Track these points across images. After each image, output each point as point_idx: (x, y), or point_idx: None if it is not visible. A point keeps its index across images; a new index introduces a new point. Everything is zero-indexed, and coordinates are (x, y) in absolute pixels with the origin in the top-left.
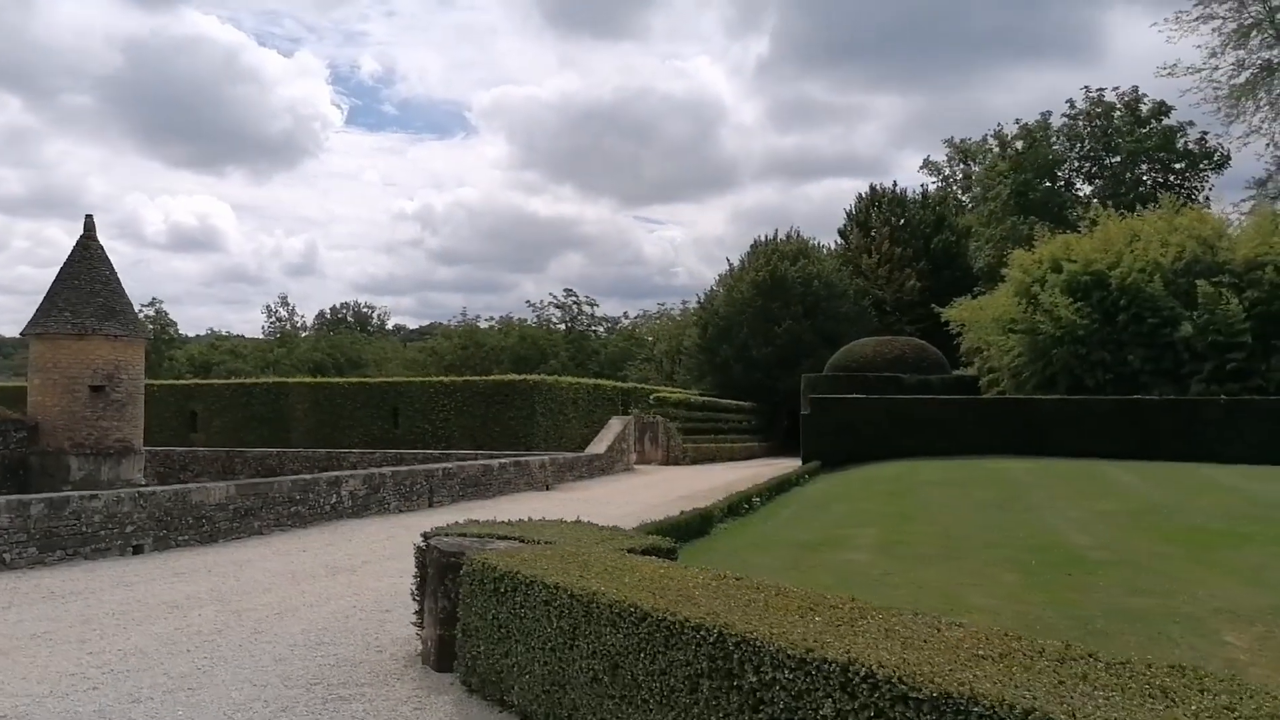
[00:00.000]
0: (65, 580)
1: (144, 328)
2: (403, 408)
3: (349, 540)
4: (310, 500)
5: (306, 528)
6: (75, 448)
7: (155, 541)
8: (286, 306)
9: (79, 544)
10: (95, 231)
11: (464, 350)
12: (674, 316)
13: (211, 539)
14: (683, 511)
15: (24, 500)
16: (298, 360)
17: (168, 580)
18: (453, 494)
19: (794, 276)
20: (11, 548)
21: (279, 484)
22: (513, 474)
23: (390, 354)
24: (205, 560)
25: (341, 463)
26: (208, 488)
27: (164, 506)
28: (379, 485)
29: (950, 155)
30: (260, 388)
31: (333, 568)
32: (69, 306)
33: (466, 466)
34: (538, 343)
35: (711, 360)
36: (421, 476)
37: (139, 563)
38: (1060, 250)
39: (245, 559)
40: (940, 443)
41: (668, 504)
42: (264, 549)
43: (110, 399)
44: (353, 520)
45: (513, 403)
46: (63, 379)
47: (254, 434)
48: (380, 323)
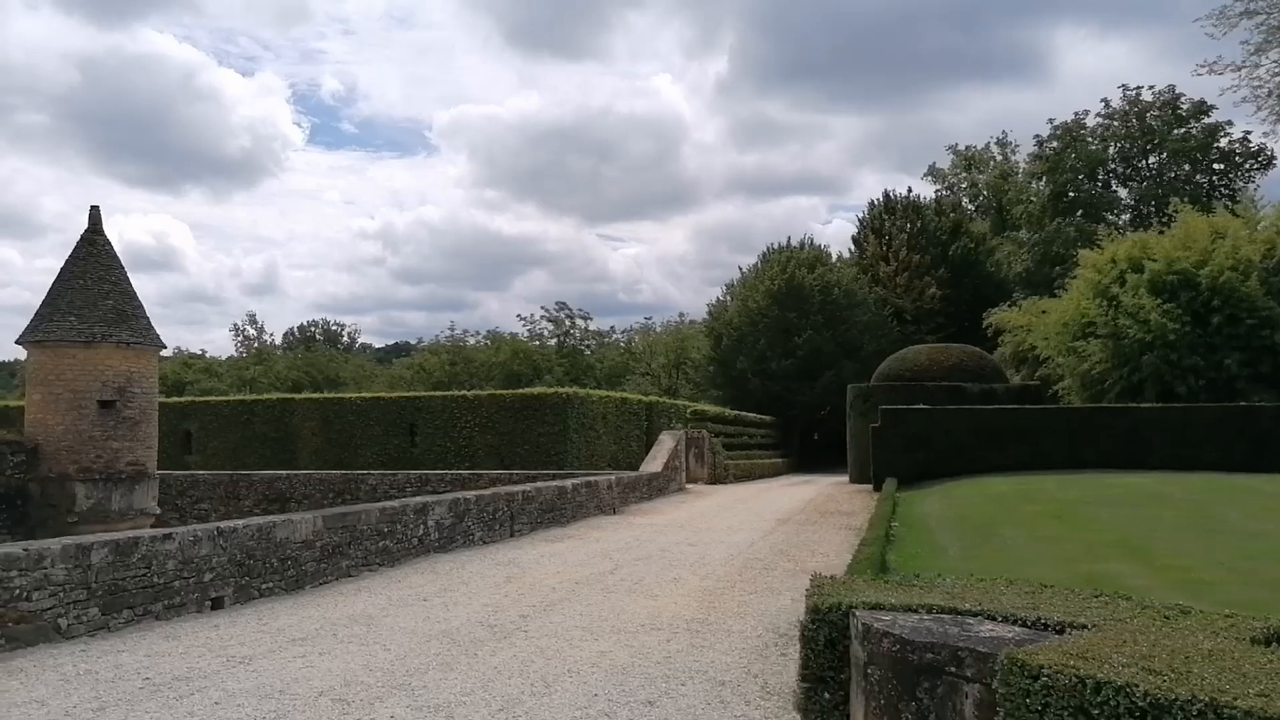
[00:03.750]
0: (153, 658)
1: (157, 335)
2: (421, 424)
3: (465, 584)
4: (398, 533)
5: (396, 566)
6: (82, 473)
7: (236, 591)
8: (255, 325)
9: (149, 600)
10: (102, 224)
11: (452, 366)
12: (656, 330)
13: (298, 585)
14: (864, 546)
15: (83, 545)
16: (275, 378)
17: (290, 651)
18: (532, 521)
19: (812, 285)
20: (69, 609)
21: (367, 514)
22: (584, 497)
23: (369, 371)
24: (308, 616)
25: (360, 485)
26: (293, 521)
27: (245, 547)
28: (464, 513)
29: (955, 163)
30: (263, 404)
31: (490, 625)
32: (74, 310)
33: (543, 490)
34: (530, 357)
35: (726, 373)
36: (503, 501)
37: (227, 622)
38: (1136, 249)
39: (360, 612)
40: (1026, 456)
41: (771, 528)
42: (369, 597)
43: (122, 416)
44: (440, 555)
45: (544, 418)
46: (67, 393)
47: (256, 455)
48: (351, 340)
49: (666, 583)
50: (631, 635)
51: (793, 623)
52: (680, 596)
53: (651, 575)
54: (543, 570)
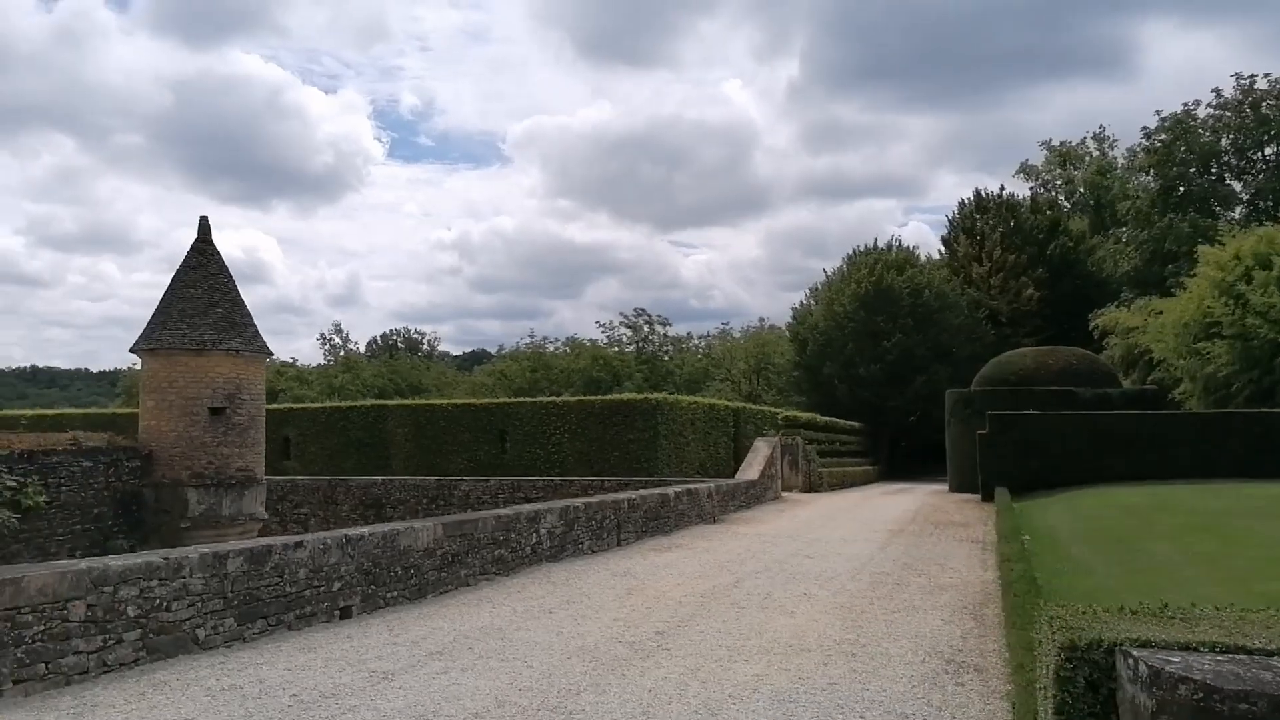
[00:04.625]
0: (294, 671)
1: (264, 343)
2: (511, 430)
3: (586, 596)
4: (512, 541)
5: (511, 575)
6: (194, 478)
7: (363, 600)
8: (341, 334)
9: (282, 609)
10: (211, 234)
11: (533, 373)
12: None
13: (420, 594)
14: (1008, 562)
15: (220, 554)
16: (362, 385)
17: (431, 667)
18: (637, 530)
19: (901, 287)
20: (206, 619)
21: (484, 522)
22: (686, 505)
23: (451, 378)
24: (438, 628)
25: (453, 491)
26: (415, 529)
27: (371, 555)
28: (573, 521)
29: (1049, 159)
30: (358, 411)
31: (627, 642)
32: (185, 319)
33: (647, 498)
34: (610, 364)
35: (812, 378)
36: (610, 509)
37: (358, 633)
38: (1262, 244)
39: (488, 624)
40: (1149, 463)
41: (885, 540)
42: (492, 608)
43: (231, 422)
44: (553, 564)
45: (634, 424)
46: (180, 400)
47: (351, 460)
48: (430, 348)
49: (797, 598)
50: (782, 657)
51: (955, 646)
52: (818, 614)
53: (778, 590)
54: (662, 582)
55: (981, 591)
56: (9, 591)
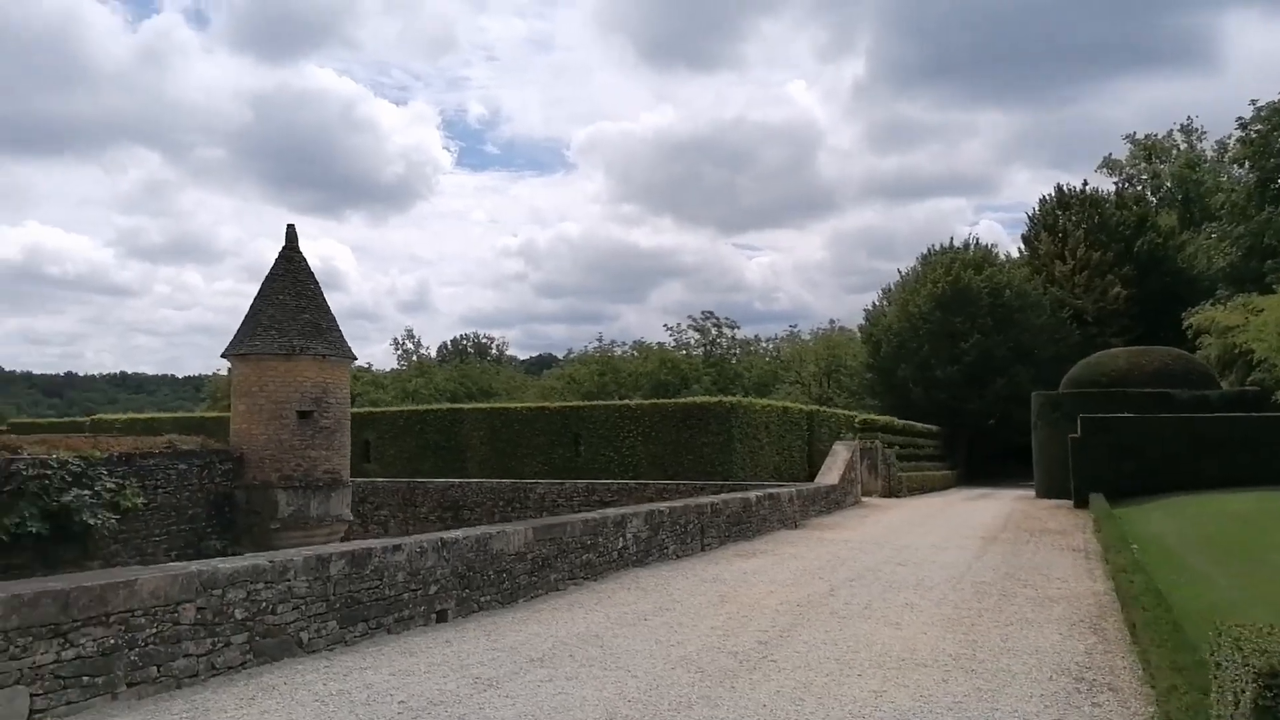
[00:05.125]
0: (398, 677)
1: (349, 348)
2: (585, 434)
3: (678, 603)
4: (599, 545)
5: (599, 580)
6: (283, 480)
7: (458, 604)
8: (413, 339)
9: (381, 612)
10: (297, 242)
11: (601, 377)
12: (803, 338)
13: (512, 598)
14: (1124, 573)
15: (323, 556)
16: (435, 389)
17: (534, 674)
18: (720, 534)
19: (980, 286)
20: (310, 622)
21: (572, 526)
22: (767, 510)
23: (520, 382)
24: (535, 634)
25: (529, 494)
26: (506, 532)
27: (465, 558)
28: (659, 525)
29: (1133, 153)
30: (435, 414)
31: (730, 652)
32: (274, 324)
33: (730, 502)
34: (678, 367)
35: (886, 381)
36: (693, 514)
37: (456, 637)
38: None
39: (585, 631)
40: (1254, 468)
41: (980, 547)
42: (585, 614)
43: (319, 426)
44: (639, 569)
45: (708, 427)
46: (269, 404)
47: (429, 463)
48: (499, 353)
49: (899, 608)
50: (897, 671)
51: (1080, 663)
52: (925, 626)
53: (878, 599)
54: (754, 590)
55: (1095, 604)
56: (123, 594)
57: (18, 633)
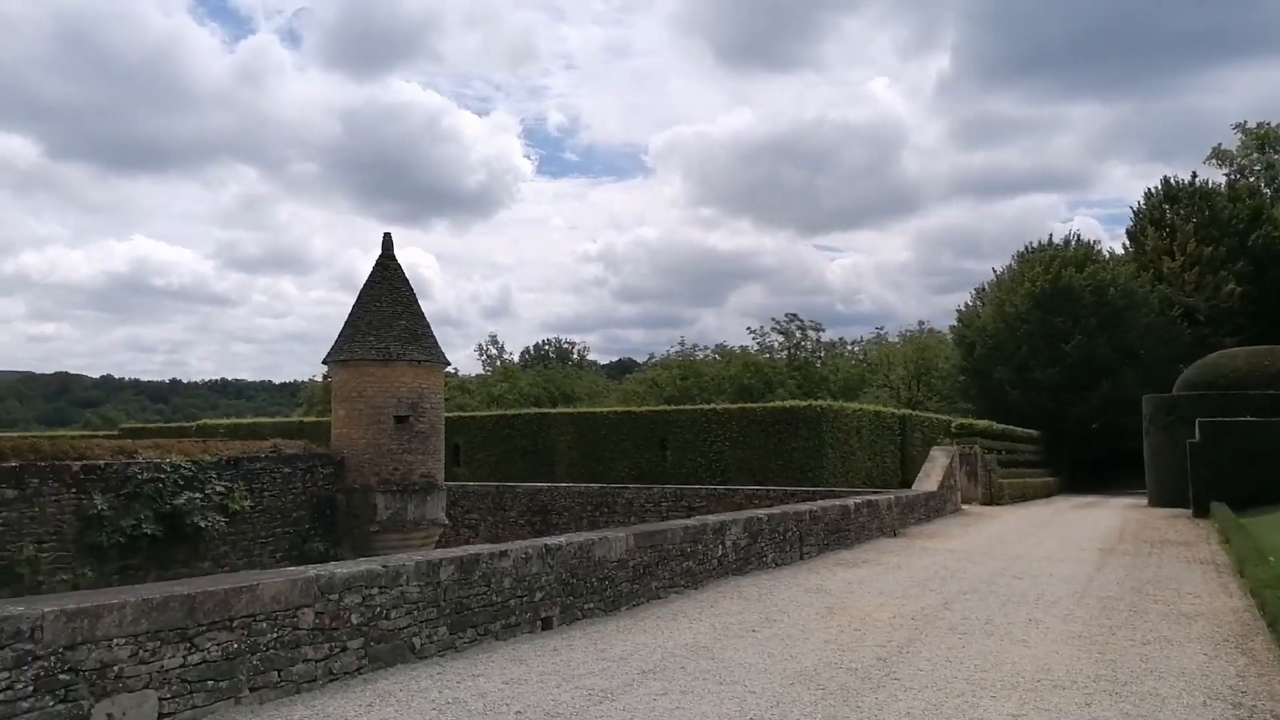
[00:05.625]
0: (510, 685)
1: (443, 354)
2: (672, 438)
3: (785, 614)
4: (699, 553)
5: (700, 588)
6: (382, 484)
7: (562, 611)
8: (496, 345)
9: (489, 619)
10: (393, 250)
11: (684, 381)
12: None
13: (614, 606)
14: (1270, 589)
15: (433, 562)
16: (519, 394)
17: (648, 687)
18: (819, 543)
19: (1082, 285)
20: (422, 628)
21: (672, 533)
22: (866, 517)
23: (602, 387)
24: (642, 644)
25: (617, 499)
26: (609, 539)
27: (569, 565)
28: (757, 533)
29: (1245, 143)
30: (522, 419)
31: (849, 668)
32: (372, 331)
33: (828, 509)
34: (761, 370)
35: (981, 384)
36: (792, 521)
37: (563, 645)
38: None
39: (692, 641)
40: None
41: (1098, 559)
42: (689, 623)
43: (414, 430)
44: (739, 578)
45: (797, 432)
46: (368, 409)
47: (517, 467)
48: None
49: (1023, 624)
50: (1034, 693)
51: (1234, 687)
52: (1055, 643)
53: (998, 614)
54: (862, 601)
55: (1236, 621)
56: (245, 599)
57: (147, 637)
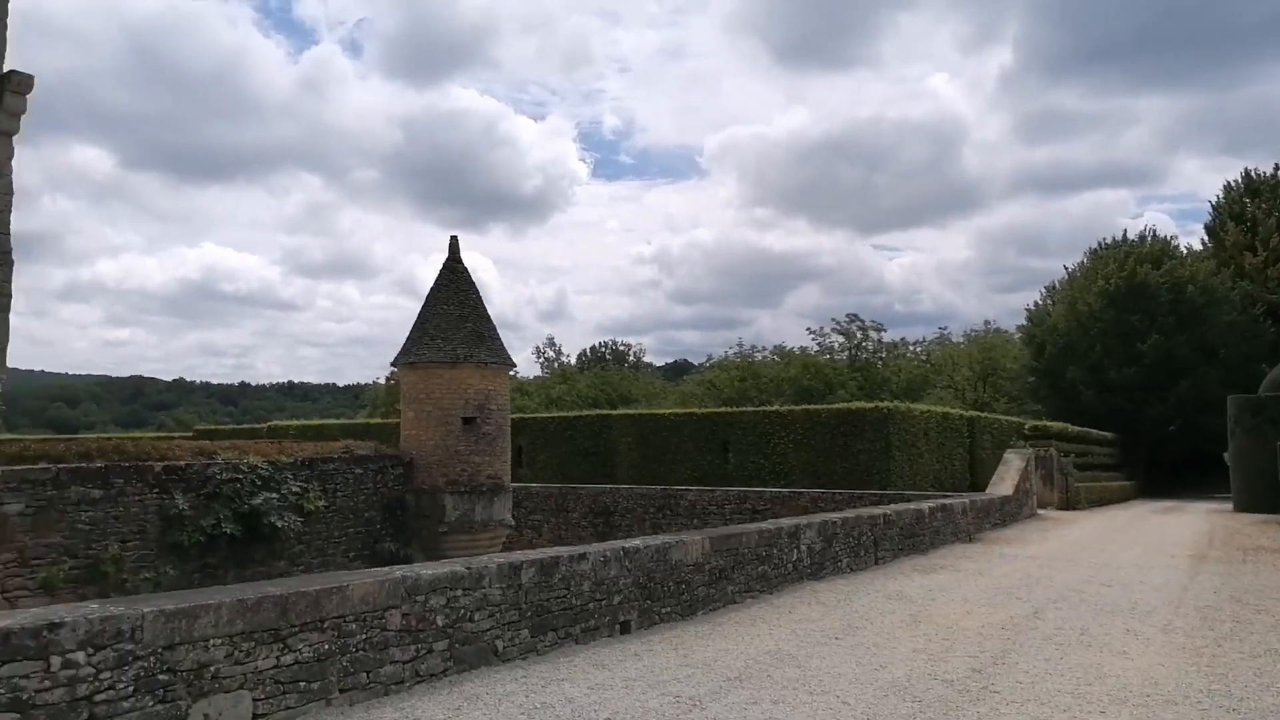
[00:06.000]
0: (596, 691)
1: (509, 356)
2: (733, 440)
3: (868, 621)
4: (774, 557)
5: (775, 593)
6: (450, 485)
7: (640, 616)
8: (554, 347)
9: (569, 622)
10: (460, 253)
11: (742, 382)
12: (954, 340)
13: (691, 610)
14: None
15: (514, 563)
16: (577, 396)
17: (737, 695)
18: (893, 548)
19: (1158, 282)
20: (504, 630)
21: (748, 536)
22: (940, 522)
23: (660, 389)
24: (724, 649)
25: (679, 501)
26: (684, 542)
27: (646, 568)
28: (832, 537)
29: None
30: (584, 421)
31: (944, 680)
32: (440, 333)
33: (903, 513)
34: (822, 372)
35: (1053, 384)
36: (866, 525)
37: (644, 650)
38: None
39: (776, 648)
40: None
41: (1190, 567)
42: (769, 630)
43: (481, 432)
44: (814, 583)
45: (863, 434)
46: (436, 411)
47: (578, 469)
48: (636, 359)
49: (1121, 635)
50: (1144, 709)
51: None
52: (1158, 656)
53: (1092, 624)
54: (946, 609)
55: None
56: (336, 599)
57: (242, 637)
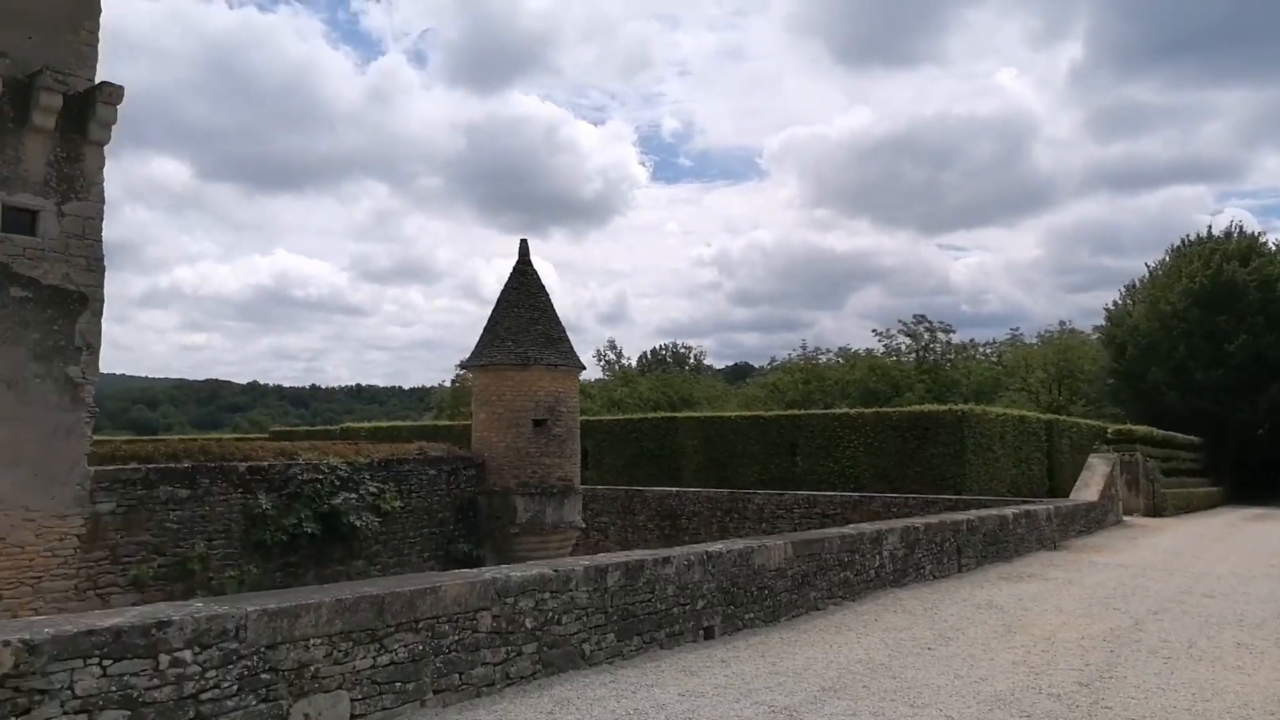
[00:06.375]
0: (689, 698)
1: (578, 358)
2: (801, 443)
3: (959, 631)
4: (856, 563)
5: (858, 600)
6: (521, 487)
7: (724, 621)
8: (615, 350)
9: (653, 627)
10: (529, 256)
11: (805, 385)
12: (1027, 341)
13: (774, 616)
14: None
15: (600, 567)
16: (639, 399)
17: (834, 705)
18: (976, 555)
19: (1246, 280)
20: (591, 634)
21: (829, 542)
22: (1024, 529)
23: (721, 391)
24: (813, 658)
25: (747, 505)
26: (767, 547)
27: (729, 573)
28: (914, 543)
29: None
30: (649, 423)
31: (1051, 694)
32: (510, 336)
33: (986, 520)
34: (889, 374)
35: (1134, 386)
36: (949, 531)
37: (730, 657)
38: None
39: (866, 658)
40: None
41: None
42: (856, 638)
43: (552, 434)
44: (897, 590)
45: (936, 437)
46: (507, 413)
47: (644, 471)
48: (696, 362)
49: (1232, 648)
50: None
51: None
52: (1274, 669)
53: (1199, 637)
54: (1042, 620)
55: None
56: (429, 600)
57: (340, 637)
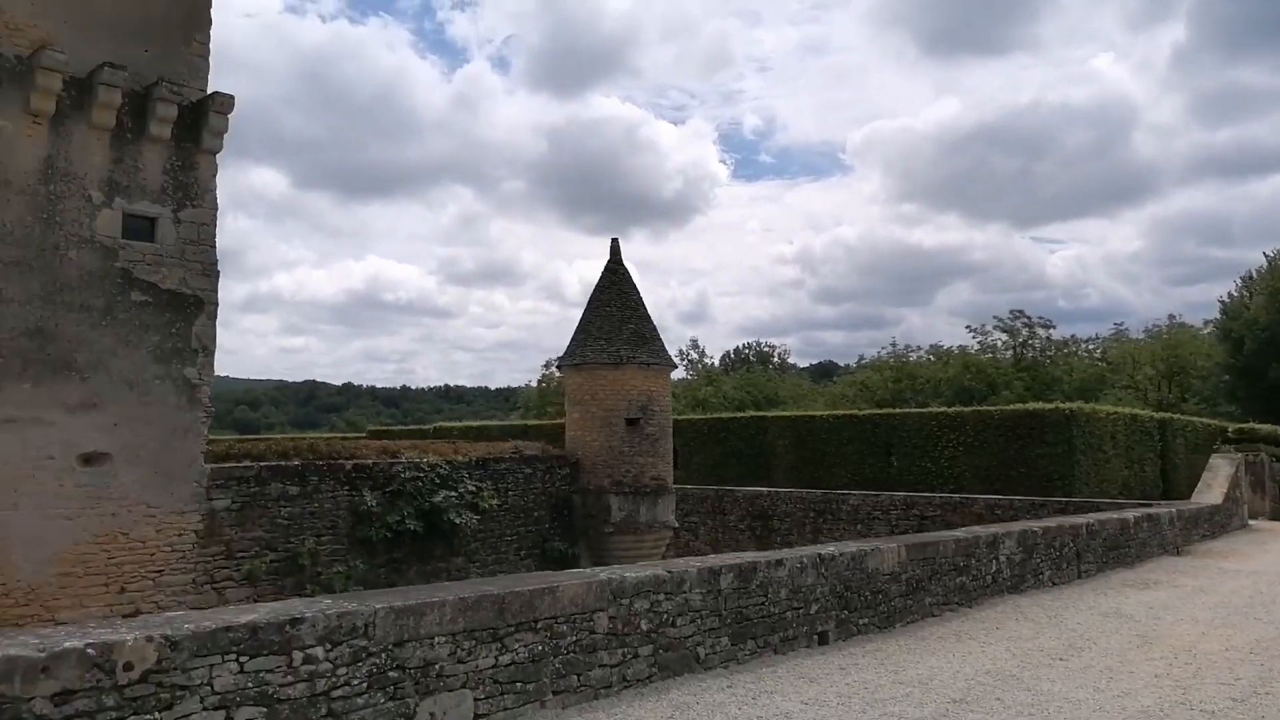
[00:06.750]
0: (810, 707)
1: (670, 357)
2: (897, 443)
3: (1091, 642)
4: (972, 568)
5: (974, 606)
6: (615, 486)
7: (838, 626)
8: (697, 349)
9: (767, 630)
10: (621, 256)
11: (896, 384)
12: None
13: (889, 621)
14: None
15: (713, 569)
16: (723, 398)
17: (966, 718)
18: (1096, 560)
19: None
20: (705, 637)
21: (944, 545)
22: (1146, 533)
23: (807, 390)
24: (938, 667)
25: (841, 506)
26: (880, 550)
27: (842, 577)
28: (1032, 548)
29: None
30: (738, 423)
31: (1203, 710)
32: (603, 335)
33: (1106, 523)
34: (984, 371)
35: (1253, 383)
36: (1068, 535)
37: (848, 664)
38: None
39: (995, 669)
40: None
41: None
42: (979, 647)
43: (644, 433)
44: (1016, 596)
45: (1042, 437)
46: (600, 412)
47: (733, 470)
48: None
49: None
50: None
51: None
52: None
53: None
54: (1178, 630)
55: None
56: (547, 600)
57: (464, 635)
